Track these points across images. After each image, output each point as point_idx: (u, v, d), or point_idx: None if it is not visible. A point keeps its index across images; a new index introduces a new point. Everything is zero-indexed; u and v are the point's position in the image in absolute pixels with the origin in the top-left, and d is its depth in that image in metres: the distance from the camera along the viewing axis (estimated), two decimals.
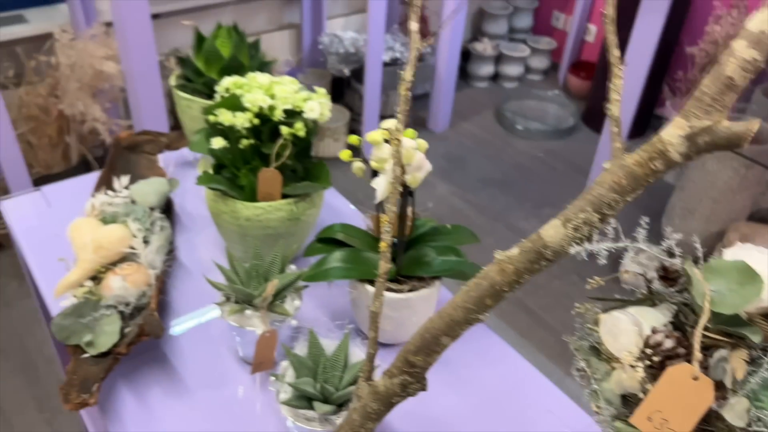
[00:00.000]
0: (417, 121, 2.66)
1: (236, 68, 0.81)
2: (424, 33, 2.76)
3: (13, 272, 1.86)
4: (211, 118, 0.68)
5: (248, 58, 0.82)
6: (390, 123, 0.59)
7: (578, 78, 2.87)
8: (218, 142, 0.68)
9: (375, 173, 0.62)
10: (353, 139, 0.63)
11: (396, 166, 0.46)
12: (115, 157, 0.86)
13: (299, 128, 0.69)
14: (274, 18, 2.51)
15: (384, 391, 0.45)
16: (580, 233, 0.36)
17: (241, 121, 0.67)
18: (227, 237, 0.76)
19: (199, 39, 0.86)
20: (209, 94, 0.82)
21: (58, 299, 0.68)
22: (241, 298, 0.63)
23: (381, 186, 0.61)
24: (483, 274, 0.39)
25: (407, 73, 0.43)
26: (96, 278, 0.68)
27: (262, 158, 0.70)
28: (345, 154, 0.62)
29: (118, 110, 2.03)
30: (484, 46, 2.99)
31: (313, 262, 0.66)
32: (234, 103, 0.67)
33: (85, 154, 1.98)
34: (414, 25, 0.44)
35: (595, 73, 2.70)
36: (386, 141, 0.60)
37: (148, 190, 0.79)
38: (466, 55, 2.95)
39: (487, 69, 3.03)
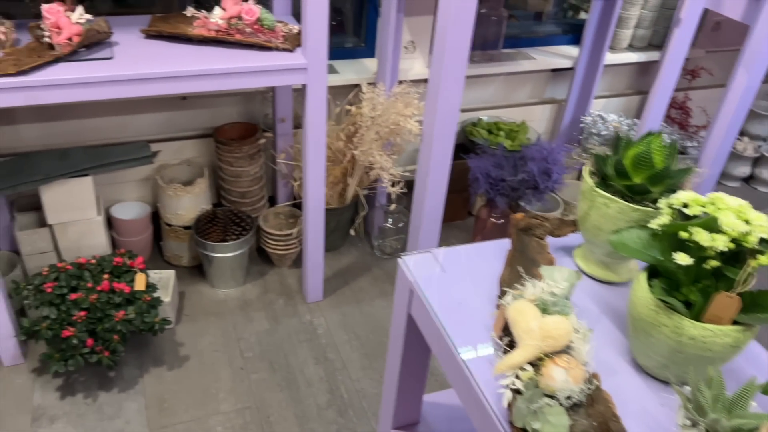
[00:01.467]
0: None
1: (663, 177, 0.82)
2: (684, 125, 2.65)
3: (281, 290, 2.04)
4: (683, 234, 0.69)
5: (676, 167, 0.83)
6: None
7: None
8: (683, 259, 0.68)
9: None
10: None
11: None
12: (516, 239, 0.91)
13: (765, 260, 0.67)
14: (537, 91, 2.57)
15: None
16: None
17: (719, 243, 0.67)
18: (645, 344, 0.75)
19: (620, 140, 0.89)
20: (629, 196, 0.84)
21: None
22: (710, 427, 0.61)
23: None
24: None
25: None
26: (533, 364, 0.71)
27: (720, 279, 0.69)
28: None
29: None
30: (744, 146, 2.80)
31: None
32: (710, 224, 0.68)
33: (359, 195, 2.15)
34: None
35: None
36: None
37: (559, 277, 0.82)
38: None
39: (742, 169, 2.83)
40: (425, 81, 2.23)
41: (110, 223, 2.00)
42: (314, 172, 1.73)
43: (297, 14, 1.87)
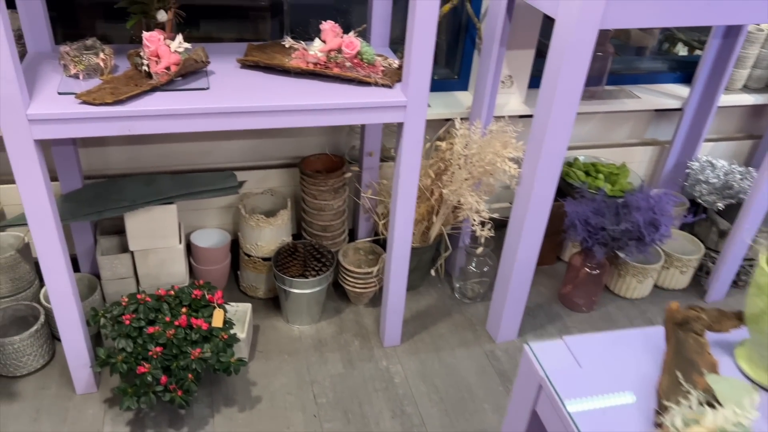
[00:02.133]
0: None
1: None
2: None
3: (357, 330, 1.94)
4: None
5: None
6: None
7: None
8: None
9: None
10: None
11: None
12: (671, 335, 0.77)
13: None
14: (638, 131, 2.39)
15: None
16: None
17: None
18: None
19: None
20: None
21: None
22: None
23: None
24: None
25: None
26: None
27: None
28: None
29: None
30: None
31: None
32: None
33: (443, 234, 2.03)
34: None
35: None
36: None
37: (732, 394, 0.67)
38: None
39: None
40: (521, 117, 2.11)
41: (189, 249, 1.96)
42: (403, 214, 1.63)
43: (395, 45, 1.79)
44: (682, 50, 2.57)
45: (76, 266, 1.86)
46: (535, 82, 2.11)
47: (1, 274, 1.69)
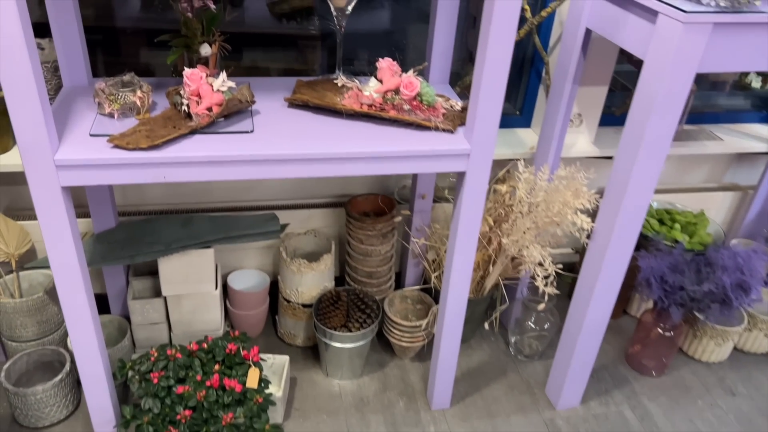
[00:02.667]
0: None
1: None
2: None
3: (402, 388, 1.77)
4: None
5: None
6: None
7: None
8: None
9: None
10: None
11: None
12: None
13: None
14: (716, 175, 2.17)
15: None
16: None
17: None
18: None
19: None
20: None
21: None
22: None
23: None
24: None
25: None
26: None
27: None
28: None
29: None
30: None
31: None
32: None
33: (500, 286, 1.86)
34: None
35: None
36: None
37: None
38: None
39: None
40: (590, 159, 1.92)
41: (225, 291, 1.83)
42: (460, 270, 1.46)
43: (454, 81, 1.64)
44: (755, 81, 2.35)
45: (106, 307, 1.75)
46: (605, 119, 1.92)
47: (27, 316, 1.59)
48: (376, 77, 1.36)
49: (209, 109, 1.23)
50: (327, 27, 1.87)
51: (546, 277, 1.63)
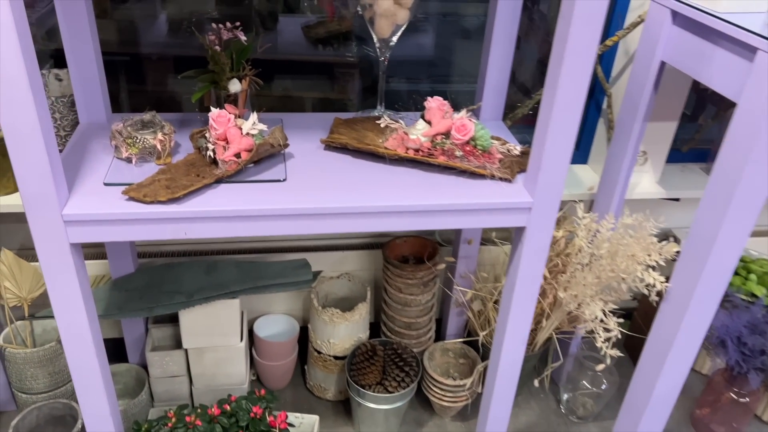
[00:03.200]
0: None
1: None
2: None
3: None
4: None
5: None
6: None
7: None
8: None
9: None
10: None
11: None
12: None
13: None
14: None
15: None
16: None
17: None
18: None
19: None
20: None
21: None
22: None
23: None
24: None
25: None
26: None
27: None
28: None
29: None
30: None
31: None
32: None
33: (553, 341, 1.68)
34: None
35: None
36: None
37: None
38: None
39: None
40: (655, 200, 1.74)
41: (251, 336, 1.69)
42: (515, 333, 1.29)
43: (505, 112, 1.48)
44: None
45: (123, 356, 1.62)
46: (670, 155, 1.74)
47: (39, 367, 1.47)
48: (423, 117, 1.21)
49: (237, 155, 1.09)
50: (366, 54, 1.73)
51: (608, 339, 1.45)
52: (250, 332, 1.70)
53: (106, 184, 1.06)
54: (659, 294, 1.33)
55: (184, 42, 1.65)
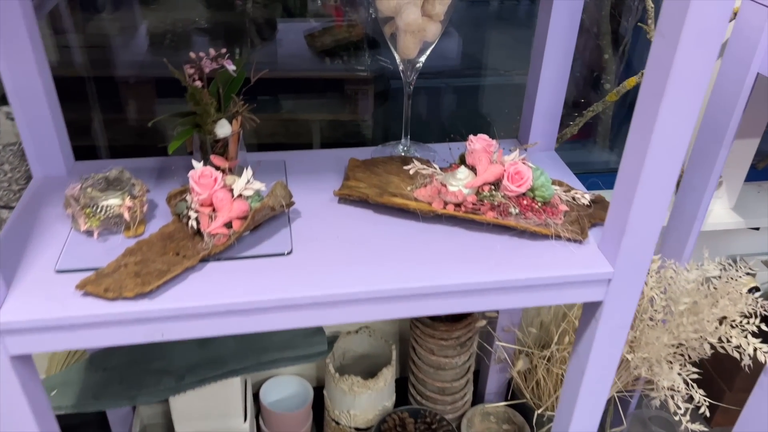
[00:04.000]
0: None
1: None
2: None
3: None
4: None
5: None
6: None
7: None
8: None
9: None
10: None
11: None
12: None
13: None
14: None
15: None
16: None
17: None
18: None
19: None
20: None
21: None
22: None
23: None
24: None
25: None
26: None
27: None
28: None
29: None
30: None
31: None
32: None
33: (614, 401, 1.42)
34: None
35: None
36: None
37: None
38: None
39: None
40: (729, 232, 1.48)
41: (256, 403, 1.45)
42: (583, 421, 1.04)
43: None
44: None
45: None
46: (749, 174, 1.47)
47: None
48: (463, 161, 0.95)
49: (228, 224, 0.83)
50: (380, 66, 1.47)
51: (686, 411, 1.19)
52: (255, 396, 1.46)
53: (58, 272, 0.81)
54: (751, 356, 1.07)
55: (169, 60, 1.40)
